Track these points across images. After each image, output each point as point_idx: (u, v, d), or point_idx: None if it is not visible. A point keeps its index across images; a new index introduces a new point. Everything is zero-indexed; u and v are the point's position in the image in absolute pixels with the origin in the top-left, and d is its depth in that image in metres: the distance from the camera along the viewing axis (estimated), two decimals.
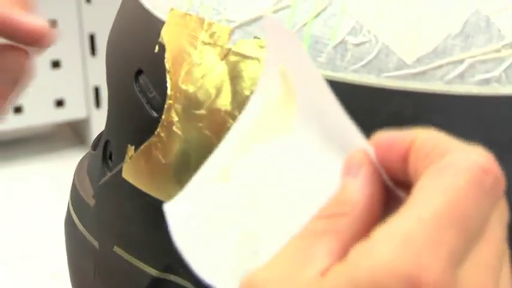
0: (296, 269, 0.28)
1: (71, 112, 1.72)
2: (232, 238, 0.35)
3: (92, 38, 1.65)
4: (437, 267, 0.27)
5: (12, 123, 1.62)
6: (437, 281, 0.26)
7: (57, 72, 1.64)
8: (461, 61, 0.40)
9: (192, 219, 0.36)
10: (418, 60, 0.40)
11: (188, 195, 0.37)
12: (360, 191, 0.30)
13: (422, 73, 0.40)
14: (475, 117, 0.40)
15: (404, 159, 0.30)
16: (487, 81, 0.40)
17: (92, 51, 1.64)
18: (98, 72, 1.66)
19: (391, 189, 0.31)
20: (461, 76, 0.40)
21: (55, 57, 1.62)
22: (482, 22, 0.40)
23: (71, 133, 1.82)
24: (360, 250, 0.27)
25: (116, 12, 0.52)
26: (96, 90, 1.70)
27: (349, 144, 0.32)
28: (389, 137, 0.31)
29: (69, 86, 1.66)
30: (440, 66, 0.40)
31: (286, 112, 0.36)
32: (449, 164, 0.29)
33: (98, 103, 1.71)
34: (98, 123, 1.73)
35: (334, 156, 0.33)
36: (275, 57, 0.36)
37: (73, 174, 0.55)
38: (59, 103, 1.70)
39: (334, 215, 0.30)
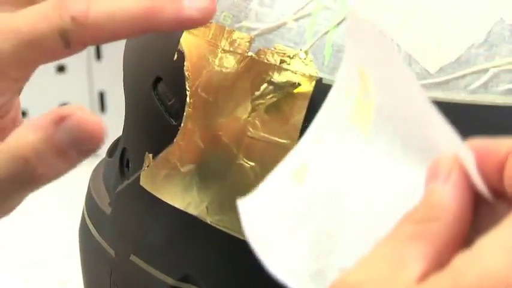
0: (391, 272, 0.28)
1: None
2: (305, 237, 0.34)
3: None
4: None
5: None
6: None
7: (62, 76, 1.64)
8: (485, 71, 0.40)
9: (265, 216, 0.36)
10: (441, 70, 0.40)
11: (263, 191, 0.37)
12: (451, 196, 0.30)
13: (446, 83, 0.40)
14: (499, 127, 0.39)
15: (500, 168, 0.30)
16: (511, 91, 0.40)
17: (97, 56, 1.64)
18: (102, 77, 1.66)
19: (482, 195, 0.31)
20: (485, 86, 0.40)
21: (60, 61, 1.62)
22: (507, 31, 0.40)
23: None
24: (465, 258, 0.27)
25: None
26: (101, 95, 1.70)
27: (435, 149, 0.31)
28: (486, 144, 0.31)
29: (74, 90, 1.65)
30: (464, 76, 0.40)
31: (362, 112, 0.35)
32: None
33: (102, 108, 1.71)
34: None
35: (414, 161, 0.32)
36: (355, 56, 0.36)
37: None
38: None
39: (425, 219, 0.29)
